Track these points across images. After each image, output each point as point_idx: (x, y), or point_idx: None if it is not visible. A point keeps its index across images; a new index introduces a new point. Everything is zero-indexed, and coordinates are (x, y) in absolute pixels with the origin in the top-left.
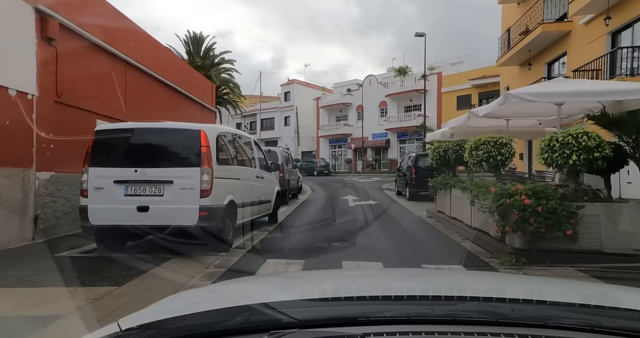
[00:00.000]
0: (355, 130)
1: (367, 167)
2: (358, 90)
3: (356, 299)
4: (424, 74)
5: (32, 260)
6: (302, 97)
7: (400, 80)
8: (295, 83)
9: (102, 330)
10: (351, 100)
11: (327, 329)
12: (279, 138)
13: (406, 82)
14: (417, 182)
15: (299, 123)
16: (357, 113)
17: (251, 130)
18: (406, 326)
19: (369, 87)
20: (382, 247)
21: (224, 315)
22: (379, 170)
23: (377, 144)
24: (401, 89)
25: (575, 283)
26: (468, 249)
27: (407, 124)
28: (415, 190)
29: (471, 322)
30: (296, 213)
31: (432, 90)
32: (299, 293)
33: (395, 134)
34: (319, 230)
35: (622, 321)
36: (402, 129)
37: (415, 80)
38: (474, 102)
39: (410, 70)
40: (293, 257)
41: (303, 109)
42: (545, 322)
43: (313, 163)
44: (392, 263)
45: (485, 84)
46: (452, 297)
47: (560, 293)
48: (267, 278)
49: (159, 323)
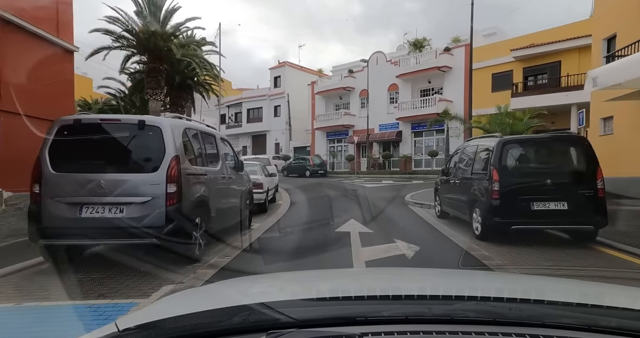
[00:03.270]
0: (359, 121)
1: (373, 166)
2: (362, 72)
3: (354, 299)
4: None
5: None
6: (295, 83)
7: (415, 57)
8: (287, 65)
9: (100, 330)
10: (353, 84)
11: (325, 329)
12: (268, 131)
13: (424, 58)
14: (505, 202)
15: (290, 114)
16: (361, 99)
17: (236, 122)
18: (404, 326)
19: (376, 67)
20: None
21: (222, 315)
22: (388, 170)
23: (385, 137)
24: (417, 67)
25: (573, 283)
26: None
27: (425, 111)
28: (502, 221)
29: (469, 322)
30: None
31: (458, 67)
32: (297, 293)
33: (408, 124)
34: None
35: (619, 320)
36: (417, 117)
37: (436, 55)
38: (517, 80)
39: (428, 44)
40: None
41: (296, 97)
42: (543, 322)
43: (305, 161)
44: None
45: (534, 55)
46: (450, 297)
47: (557, 292)
48: (265, 278)
49: (156, 323)
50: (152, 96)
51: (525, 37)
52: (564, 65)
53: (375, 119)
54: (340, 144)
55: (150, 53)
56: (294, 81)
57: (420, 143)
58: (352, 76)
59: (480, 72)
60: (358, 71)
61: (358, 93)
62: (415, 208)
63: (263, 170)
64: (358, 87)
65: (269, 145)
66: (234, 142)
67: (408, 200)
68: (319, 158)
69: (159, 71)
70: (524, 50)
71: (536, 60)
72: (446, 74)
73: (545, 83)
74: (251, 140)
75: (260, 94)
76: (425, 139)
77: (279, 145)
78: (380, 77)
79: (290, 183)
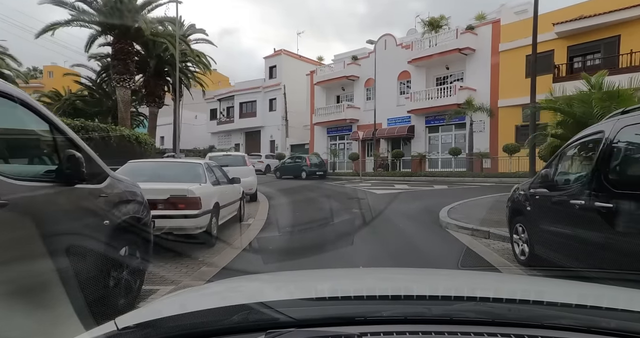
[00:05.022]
0: (364, 115)
1: (381, 166)
2: (368, 58)
3: (353, 298)
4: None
5: None
6: (292, 73)
7: (431, 38)
8: (283, 54)
9: (99, 329)
10: (358, 72)
11: (324, 329)
12: (262, 127)
13: (441, 38)
14: None
15: (287, 107)
16: (367, 90)
17: (228, 117)
18: (403, 326)
19: (384, 53)
20: None
21: (221, 314)
22: (399, 172)
23: (395, 133)
24: (433, 49)
25: (572, 284)
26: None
27: (442, 102)
28: None
29: (468, 322)
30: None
31: (484, 49)
32: (296, 292)
33: (422, 117)
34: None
35: (618, 321)
36: (433, 109)
37: (456, 34)
38: (559, 62)
39: (447, 23)
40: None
41: (293, 88)
42: (542, 322)
43: (301, 161)
44: None
45: (584, 29)
46: (449, 297)
47: (557, 293)
48: (264, 277)
49: (156, 322)
50: (120, 83)
51: (571, 9)
52: (624, 40)
53: (383, 112)
54: (342, 141)
55: (116, 30)
56: (291, 72)
57: (435, 140)
58: (357, 63)
59: (511, 54)
60: (363, 58)
61: (363, 83)
62: (466, 239)
63: (209, 174)
64: (363, 76)
65: (263, 143)
66: (226, 140)
67: (447, 222)
68: (317, 157)
69: (128, 53)
70: (570, 23)
71: (586, 36)
72: (468, 57)
73: (598, 64)
74: (244, 137)
75: (254, 86)
76: (441, 135)
77: (275, 143)
78: (389, 64)
79: (279, 188)
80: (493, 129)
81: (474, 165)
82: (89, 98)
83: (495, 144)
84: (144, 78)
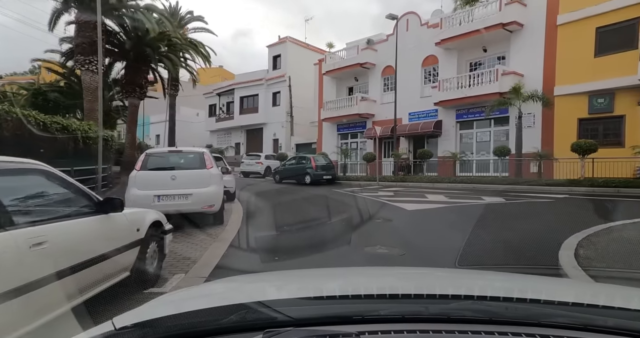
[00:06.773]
0: (380, 109)
1: (401, 169)
2: (386, 42)
3: (351, 298)
4: None
5: None
6: (298, 64)
7: (465, 13)
8: (289, 41)
9: (96, 329)
10: (374, 59)
11: (322, 328)
12: (265, 124)
13: (479, 14)
14: None
15: (292, 102)
16: (384, 80)
17: (228, 113)
18: (401, 324)
19: (406, 35)
20: None
21: (219, 313)
22: (425, 176)
23: (418, 130)
24: (469, 26)
25: (569, 282)
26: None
27: (479, 90)
28: None
29: (465, 321)
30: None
31: (534, 23)
32: (294, 291)
33: (452, 110)
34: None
35: (614, 320)
36: (467, 100)
37: (500, 6)
38: None
39: None
40: None
41: (299, 81)
42: (539, 321)
43: (305, 162)
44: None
45: None
46: (446, 296)
47: (553, 292)
48: (262, 277)
49: (153, 322)
50: (85, 66)
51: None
52: None
53: (404, 106)
54: (355, 140)
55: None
56: (297, 62)
57: (469, 137)
58: (372, 49)
59: (575, 28)
60: (381, 42)
61: (380, 71)
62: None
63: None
64: (380, 63)
65: (266, 142)
66: (226, 138)
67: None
68: (324, 157)
69: (94, 29)
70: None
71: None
72: (513, 35)
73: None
74: (245, 135)
75: (256, 77)
76: (476, 131)
77: (278, 142)
78: (412, 47)
79: (270, 200)
80: (546, 124)
81: (523, 169)
82: (65, 88)
83: (550, 142)
84: (126, 64)
